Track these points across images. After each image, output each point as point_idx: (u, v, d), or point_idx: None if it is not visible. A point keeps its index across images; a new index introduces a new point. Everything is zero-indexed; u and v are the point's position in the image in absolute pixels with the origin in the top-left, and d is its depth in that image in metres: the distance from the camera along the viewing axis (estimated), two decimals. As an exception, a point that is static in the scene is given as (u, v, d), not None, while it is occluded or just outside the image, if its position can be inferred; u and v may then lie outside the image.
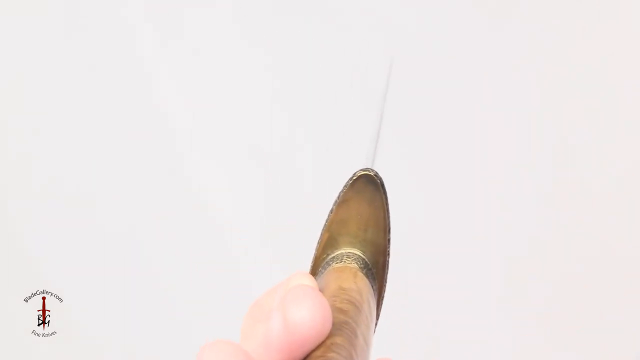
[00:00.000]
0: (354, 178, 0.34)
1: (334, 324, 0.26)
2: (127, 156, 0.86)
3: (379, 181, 0.34)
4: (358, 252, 0.34)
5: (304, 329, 0.24)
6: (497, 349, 0.85)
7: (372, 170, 0.34)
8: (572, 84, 0.85)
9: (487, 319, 0.85)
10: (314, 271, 0.34)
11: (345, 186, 0.34)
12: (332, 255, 0.34)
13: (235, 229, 0.87)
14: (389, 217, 0.34)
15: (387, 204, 0.34)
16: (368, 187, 0.34)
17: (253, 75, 0.86)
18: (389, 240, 0.34)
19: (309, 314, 0.25)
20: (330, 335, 0.26)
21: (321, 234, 0.34)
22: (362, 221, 0.34)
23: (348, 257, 0.33)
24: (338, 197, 0.34)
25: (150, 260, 0.87)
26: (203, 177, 0.86)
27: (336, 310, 0.28)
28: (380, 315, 0.34)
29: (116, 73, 0.85)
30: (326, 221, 0.35)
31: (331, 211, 0.34)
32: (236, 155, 0.86)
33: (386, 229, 0.34)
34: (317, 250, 0.35)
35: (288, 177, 0.86)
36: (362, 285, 0.31)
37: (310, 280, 0.29)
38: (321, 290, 0.30)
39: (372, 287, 0.33)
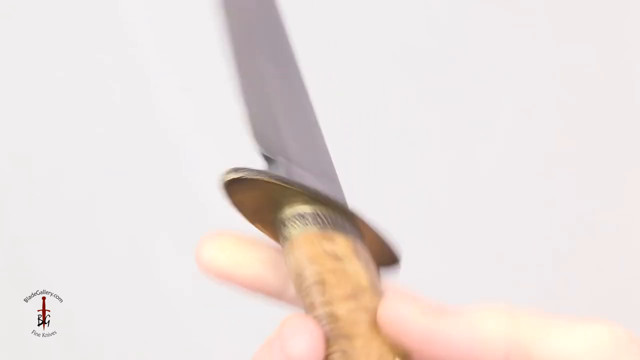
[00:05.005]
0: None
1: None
2: (129, 156, 0.86)
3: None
4: (307, 210, 0.28)
5: None
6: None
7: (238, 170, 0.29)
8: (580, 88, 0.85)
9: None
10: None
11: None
12: (284, 230, 0.29)
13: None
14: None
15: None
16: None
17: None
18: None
19: (307, 346, 0.25)
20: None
21: None
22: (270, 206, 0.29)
23: (299, 220, 0.28)
24: None
25: (150, 261, 0.87)
26: (205, 179, 0.86)
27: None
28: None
29: (116, 73, 0.85)
30: None
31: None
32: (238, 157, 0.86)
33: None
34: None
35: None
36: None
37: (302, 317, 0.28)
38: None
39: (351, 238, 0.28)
